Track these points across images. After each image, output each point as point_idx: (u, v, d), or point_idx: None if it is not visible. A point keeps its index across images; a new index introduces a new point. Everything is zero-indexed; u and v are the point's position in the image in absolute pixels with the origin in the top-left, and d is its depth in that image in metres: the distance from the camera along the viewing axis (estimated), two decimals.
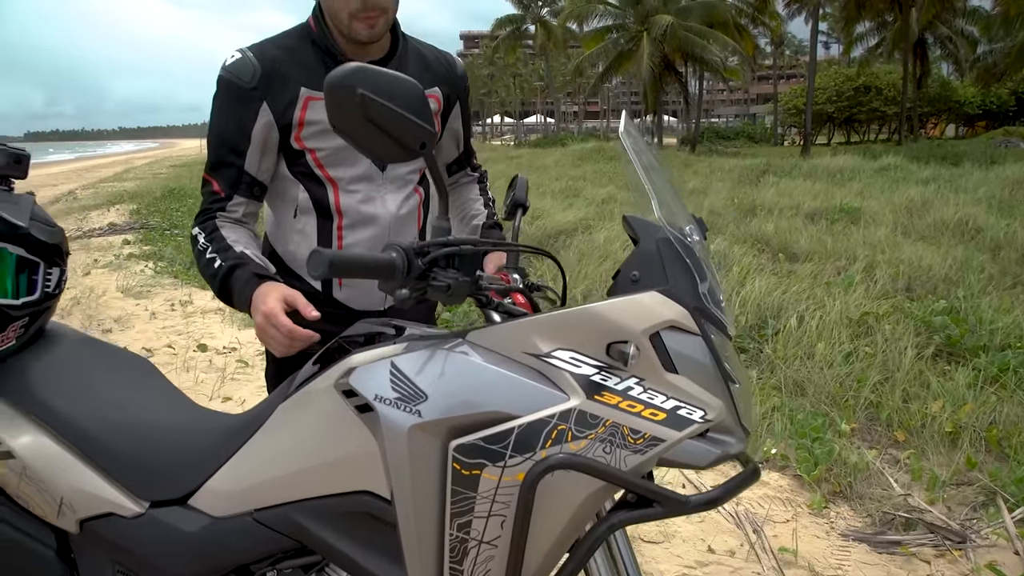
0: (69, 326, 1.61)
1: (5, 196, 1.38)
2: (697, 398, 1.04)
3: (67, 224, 11.76)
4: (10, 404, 1.34)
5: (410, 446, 1.01)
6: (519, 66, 57.92)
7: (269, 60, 1.44)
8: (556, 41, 41.32)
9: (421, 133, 1.01)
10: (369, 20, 1.41)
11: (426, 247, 1.02)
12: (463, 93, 1.71)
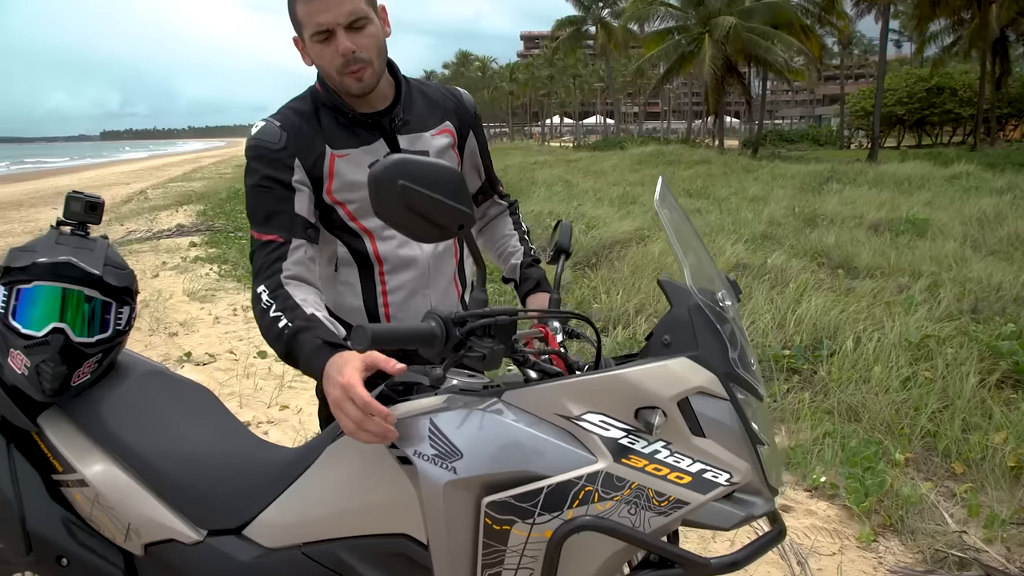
0: (139, 355, 1.72)
1: (81, 242, 1.49)
2: (723, 461, 1.07)
3: (138, 224, 12.32)
4: (86, 435, 1.46)
5: (446, 500, 1.07)
6: (579, 67, 57.78)
7: (291, 123, 1.51)
8: (616, 42, 41.03)
9: (459, 216, 1.07)
10: (355, 74, 1.46)
11: (464, 317, 1.07)
12: (475, 122, 1.75)
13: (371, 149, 1.55)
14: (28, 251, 1.45)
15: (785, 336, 4.61)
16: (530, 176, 17.17)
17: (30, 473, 1.46)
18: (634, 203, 11.70)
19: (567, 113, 77.29)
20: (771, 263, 6.27)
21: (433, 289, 1.67)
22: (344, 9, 1.40)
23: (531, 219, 9.59)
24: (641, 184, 15.13)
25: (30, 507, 1.43)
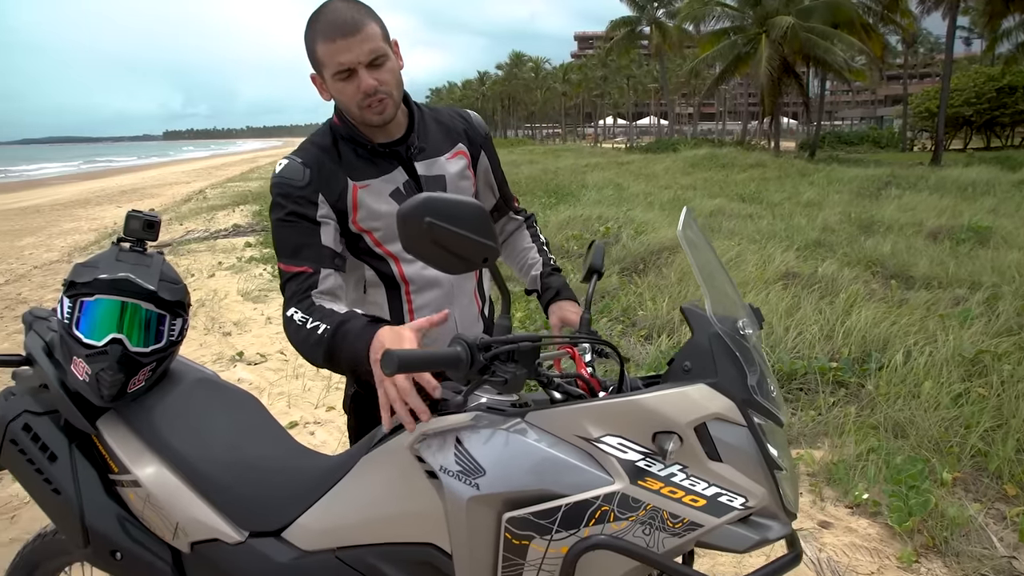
0: (192, 363, 1.82)
1: (139, 259, 1.59)
2: (739, 485, 1.09)
3: (196, 224, 12.73)
4: (139, 438, 1.56)
5: (468, 514, 1.12)
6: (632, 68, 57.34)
7: (313, 159, 1.57)
8: (671, 43, 40.62)
9: (484, 250, 1.12)
10: (375, 108, 1.52)
11: (489, 343, 1.12)
12: (486, 141, 1.80)
13: (390, 178, 1.62)
14: (91, 267, 1.55)
15: (833, 348, 4.54)
16: (581, 179, 17.15)
17: (89, 472, 1.57)
18: None
19: (620, 114, 76.78)
20: (822, 272, 6.16)
21: (457, 306, 1.73)
22: (365, 48, 1.46)
23: (580, 223, 9.60)
24: (693, 188, 14.97)
25: (88, 503, 1.54)
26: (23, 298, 7.59)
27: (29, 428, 1.60)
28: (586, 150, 38.04)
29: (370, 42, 1.47)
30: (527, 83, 79.20)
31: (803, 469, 3.35)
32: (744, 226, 9.29)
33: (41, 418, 1.62)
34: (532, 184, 16.24)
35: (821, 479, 3.26)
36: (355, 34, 1.45)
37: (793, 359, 4.37)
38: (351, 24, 1.45)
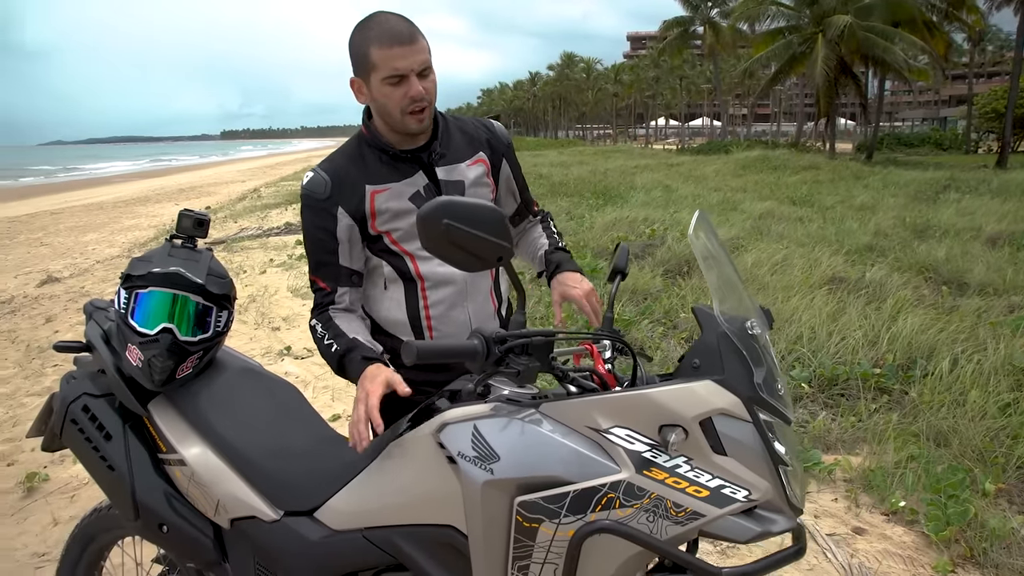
0: (238, 353, 1.93)
1: (189, 254, 1.71)
2: (743, 479, 1.14)
3: (250, 222, 13.10)
4: (186, 421, 1.67)
5: (483, 497, 1.18)
6: (685, 68, 56.68)
7: (336, 171, 1.70)
8: (725, 43, 40.06)
9: (498, 250, 1.20)
10: (418, 115, 1.64)
11: (504, 337, 1.19)
12: (507, 150, 1.89)
13: (411, 181, 1.72)
14: (145, 261, 1.67)
15: (877, 354, 4.47)
16: (629, 180, 17.08)
17: (140, 451, 1.69)
18: (734, 210, 11.46)
19: (673, 115, 75.94)
20: (870, 277, 6.05)
21: (471, 302, 1.81)
22: (418, 58, 1.59)
23: (626, 225, 9.60)
24: (743, 190, 14.77)
25: (139, 479, 1.66)
26: (86, 291, 7.96)
27: (88, 409, 1.73)
28: (636, 151, 37.80)
29: (422, 53, 1.60)
30: (578, 84, 79.01)
31: (839, 475, 3.33)
32: (793, 230, 9.16)
33: (98, 400, 1.75)
34: (580, 185, 16.25)
35: (857, 485, 3.23)
36: (411, 44, 1.58)
37: (835, 364, 4.33)
38: (407, 35, 1.58)
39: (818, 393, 4.16)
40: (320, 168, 1.72)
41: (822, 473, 3.32)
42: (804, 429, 3.76)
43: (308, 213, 1.71)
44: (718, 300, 1.22)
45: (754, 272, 6.33)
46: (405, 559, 1.37)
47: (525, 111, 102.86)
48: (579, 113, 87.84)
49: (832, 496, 3.19)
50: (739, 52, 44.61)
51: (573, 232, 9.56)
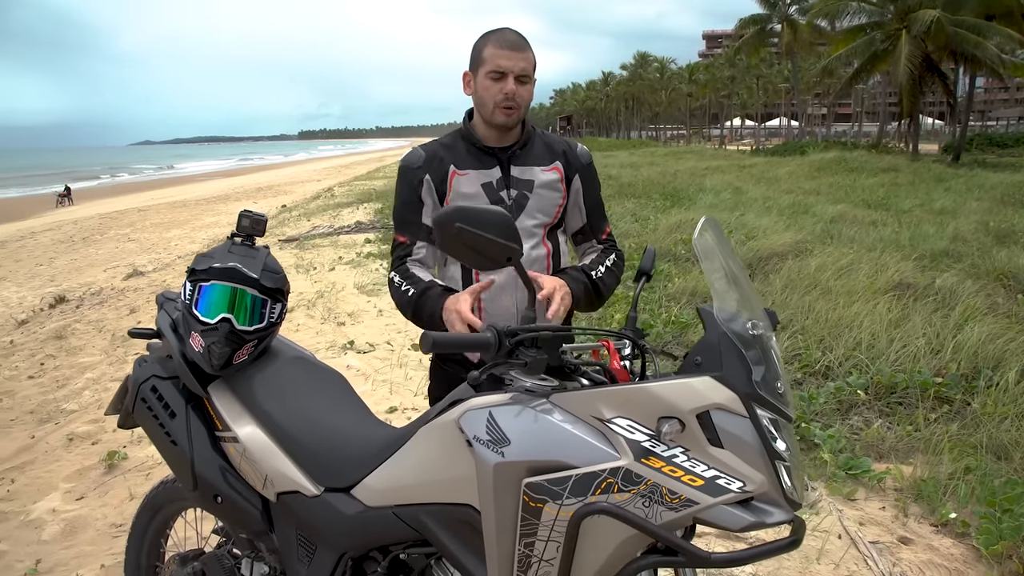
0: (290, 343, 2.08)
1: (247, 251, 1.86)
2: (738, 471, 1.20)
3: (322, 220, 13.55)
4: (240, 403, 1.83)
5: (494, 478, 1.28)
6: (762, 67, 55.30)
7: (431, 150, 2.00)
8: (803, 40, 38.91)
9: (507, 251, 1.30)
10: (506, 111, 1.88)
11: (516, 330, 1.29)
12: (583, 171, 2.05)
13: (488, 172, 1.96)
14: (208, 257, 1.84)
15: (940, 363, 4.35)
16: (699, 182, 16.87)
17: (200, 428, 1.86)
18: (805, 213, 11.19)
19: (749, 115, 74.20)
20: (939, 283, 5.86)
21: (520, 290, 1.94)
22: (520, 65, 1.87)
23: (689, 227, 9.51)
24: (816, 193, 14.39)
25: (198, 454, 1.83)
26: (167, 284, 8.44)
27: (156, 390, 1.92)
28: (708, 152, 37.14)
29: (526, 62, 1.88)
30: (651, 83, 78.10)
31: (890, 484, 3.28)
32: (865, 234, 8.90)
33: (165, 382, 1.93)
34: (648, 187, 16.14)
35: (908, 495, 3.18)
36: (519, 51, 1.87)
37: (894, 372, 4.24)
38: (519, 45, 1.88)
39: (874, 401, 4.09)
40: (419, 146, 2.03)
41: (871, 481, 3.28)
42: (857, 436, 3.71)
43: (402, 179, 2.00)
44: (718, 301, 1.28)
45: (817, 277, 6.21)
46: (429, 535, 1.48)
47: (597, 111, 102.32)
48: (652, 113, 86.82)
49: (880, 504, 3.15)
50: (818, 50, 43.26)
51: (637, 234, 9.55)
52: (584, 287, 1.95)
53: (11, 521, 3.41)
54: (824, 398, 4.03)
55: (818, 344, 4.78)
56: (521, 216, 1.98)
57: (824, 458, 3.42)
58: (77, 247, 14.87)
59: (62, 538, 3.19)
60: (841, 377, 4.34)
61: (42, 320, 7.76)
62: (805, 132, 46.40)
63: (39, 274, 11.89)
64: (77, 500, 3.52)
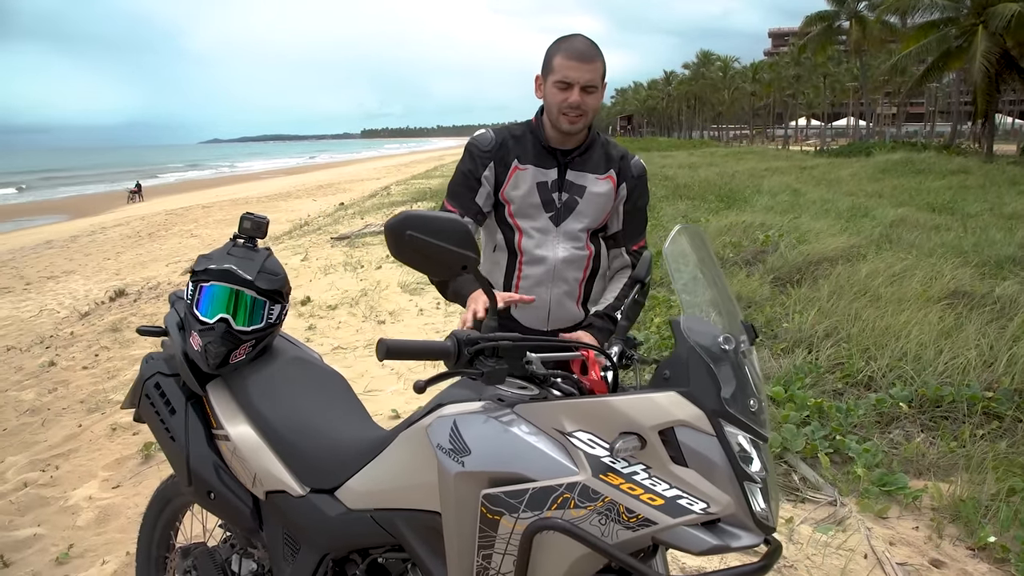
0: (294, 344, 2.10)
1: (247, 253, 1.89)
2: (702, 491, 1.15)
3: (374, 219, 13.72)
4: (235, 401, 1.86)
5: (454, 488, 1.27)
6: (829, 65, 53.64)
7: (502, 137, 2.06)
8: (872, 38, 37.58)
9: (462, 259, 1.28)
10: (571, 118, 1.95)
11: (476, 339, 1.26)
12: (632, 181, 2.12)
13: (545, 172, 2.04)
14: (206, 258, 1.88)
15: (991, 377, 4.13)
16: (756, 183, 16.47)
17: (197, 426, 1.89)
18: (864, 216, 10.80)
19: (815, 115, 72.09)
20: (999, 292, 5.56)
21: (556, 286, 2.07)
22: (586, 76, 1.91)
23: (740, 230, 9.30)
24: (879, 195, 13.88)
25: (194, 450, 1.86)
26: None
27: (159, 386, 1.96)
28: (770, 153, 36.25)
29: (593, 73, 1.92)
30: (714, 83, 76.65)
31: (926, 502, 3.13)
32: (926, 239, 8.53)
33: (168, 379, 1.97)
34: (704, 188, 15.86)
35: (944, 515, 3.02)
36: (587, 62, 1.91)
37: (941, 384, 4.05)
38: (587, 55, 1.92)
39: (918, 414, 3.91)
40: (492, 129, 2.11)
41: (906, 499, 3.14)
42: (895, 451, 3.55)
43: (467, 156, 2.08)
44: (685, 314, 1.23)
45: (867, 283, 5.98)
46: (403, 540, 1.47)
47: (659, 111, 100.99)
48: (715, 113, 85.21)
49: (913, 524, 3.01)
50: (888, 47, 41.71)
51: None
52: (608, 331, 2.02)
53: (51, 506, 3.56)
54: (863, 410, 3.88)
55: (862, 353, 4.60)
56: (569, 218, 2.06)
57: (857, 472, 3.29)
58: (143, 242, 15.46)
59: (95, 524, 3.31)
60: (884, 389, 4.17)
61: (102, 313, 8.09)
62: (874, 132, 44.82)
63: (106, 268, 12.41)
64: (113, 488, 3.65)
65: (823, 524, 2.97)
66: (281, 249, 11.37)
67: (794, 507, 3.12)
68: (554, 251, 2.05)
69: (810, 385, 4.23)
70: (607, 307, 2.06)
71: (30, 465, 4.07)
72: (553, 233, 2.05)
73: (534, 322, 2.11)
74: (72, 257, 14.03)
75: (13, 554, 3.14)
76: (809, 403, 3.90)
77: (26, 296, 10.40)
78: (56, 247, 15.75)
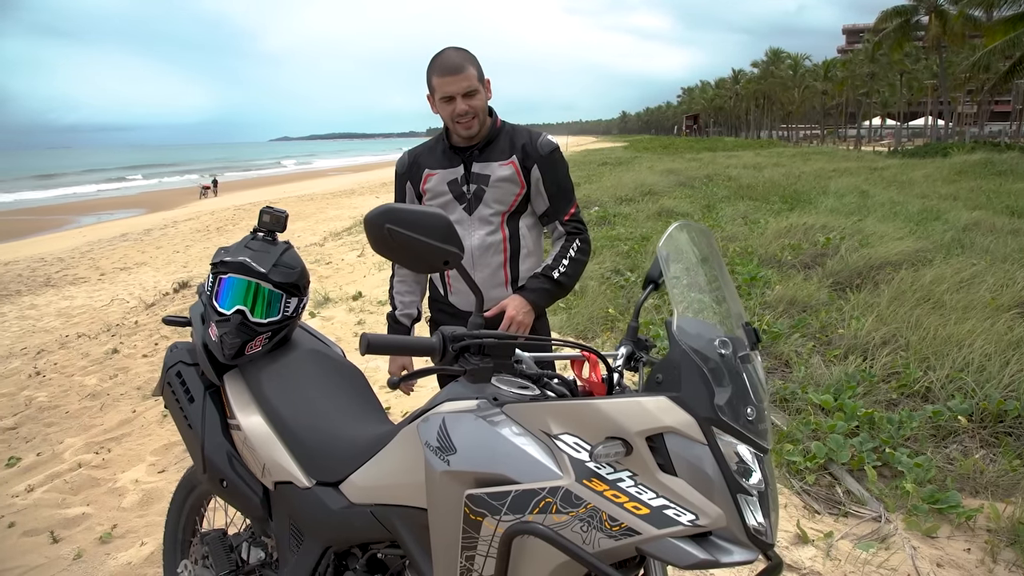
0: (315, 336, 2.12)
1: (264, 246, 1.91)
2: (690, 502, 1.09)
3: None
4: (249, 392, 1.88)
5: (439, 486, 1.24)
6: (906, 63, 51.52)
7: (414, 155, 2.30)
8: (953, 32, 35.88)
9: (444, 254, 1.25)
10: (465, 123, 2.13)
11: (462, 336, 1.23)
12: (543, 161, 2.23)
13: (453, 171, 2.22)
14: (224, 251, 1.91)
15: None
16: (822, 185, 15.95)
17: (214, 415, 1.92)
18: (935, 219, 10.33)
19: (890, 114, 69.42)
20: None
21: (478, 273, 2.21)
22: (462, 85, 2.09)
23: (800, 232, 9.01)
24: (953, 198, 13.25)
25: (209, 439, 1.89)
26: None
27: (180, 375, 2.00)
28: (839, 153, 35.04)
29: (467, 81, 2.10)
30: (784, 81, 74.62)
31: (981, 523, 2.95)
32: (1001, 244, 8.09)
33: (190, 368, 2.01)
34: (769, 189, 15.44)
35: (1001, 537, 2.85)
36: (457, 74, 2.09)
37: (1004, 398, 3.82)
38: (457, 67, 2.09)
39: (978, 429, 3.70)
40: (407, 151, 2.34)
41: (959, 518, 2.97)
42: (950, 467, 3.37)
43: (395, 181, 2.33)
44: (678, 316, 1.17)
45: (931, 289, 5.70)
46: (398, 536, 1.46)
47: (726, 111, 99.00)
48: (784, 113, 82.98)
49: (965, 545, 2.84)
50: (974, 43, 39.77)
51: (744, 237, 9.14)
52: (547, 292, 2.19)
53: (101, 487, 3.70)
54: (918, 422, 3.69)
55: (920, 363, 4.38)
56: (480, 207, 2.21)
57: (906, 488, 3.13)
58: (211, 236, 15.99)
59: (138, 507, 3.42)
60: (942, 400, 3.96)
61: (166, 304, 8.40)
62: (953, 132, 42.84)
63: (174, 260, 12.88)
64: (159, 473, 3.77)
65: (865, 540, 2.83)
66: (339, 245, 11.58)
67: (835, 521, 2.99)
68: (469, 239, 2.20)
69: (862, 394, 4.05)
70: (544, 267, 2.21)
71: (86, 447, 4.25)
72: (467, 221, 2.21)
73: (468, 306, 2.29)
74: (144, 250, 14.62)
75: (62, 531, 3.27)
76: (859, 413, 3.74)
77: (100, 286, 10.90)
78: (131, 240, 16.45)
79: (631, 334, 1.59)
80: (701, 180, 18.26)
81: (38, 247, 16.29)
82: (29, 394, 5.46)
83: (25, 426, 4.79)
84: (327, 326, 6.26)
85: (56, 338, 7.45)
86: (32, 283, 11.44)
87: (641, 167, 23.15)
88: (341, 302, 7.16)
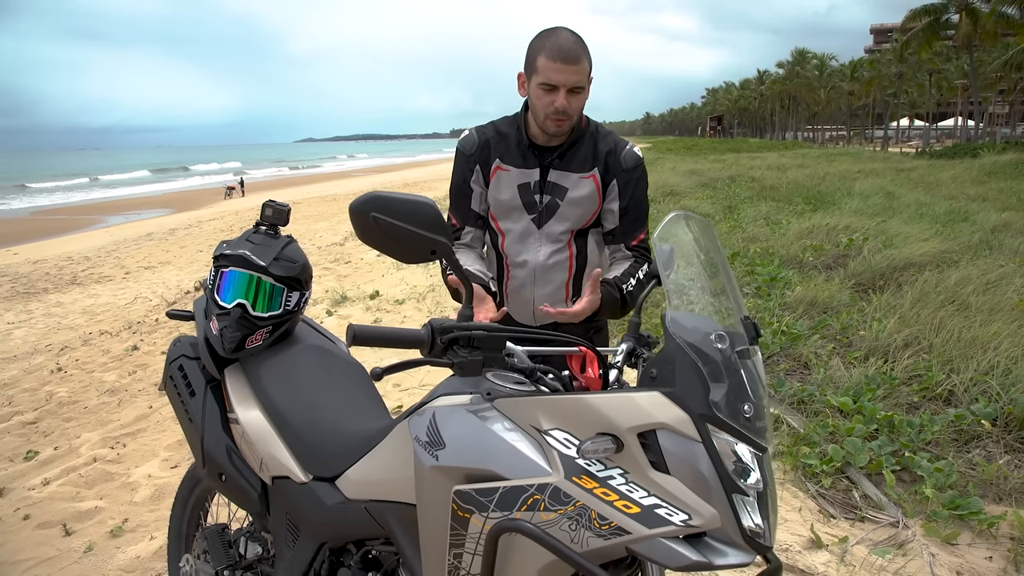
0: (319, 331, 2.10)
1: (265, 240, 1.89)
2: (683, 502, 1.05)
3: None
4: (249, 387, 1.86)
5: (428, 481, 1.21)
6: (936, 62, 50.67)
7: (485, 137, 2.03)
8: (985, 31, 35.23)
9: (431, 243, 1.21)
10: (557, 121, 1.88)
11: (450, 328, 1.20)
12: (624, 176, 2.00)
13: (527, 173, 1.99)
14: (227, 243, 1.89)
15: None
16: (848, 186, 15.73)
17: (214, 409, 1.91)
18: (963, 221, 10.12)
19: (919, 114, 68.31)
20: None
21: (540, 288, 2.06)
22: (572, 78, 1.82)
23: (823, 233, 8.88)
24: (982, 199, 12.98)
25: (208, 432, 1.88)
26: None
27: (182, 369, 2.00)
28: (866, 154, 34.58)
29: (579, 75, 1.83)
30: (809, 82, 73.77)
31: (1004, 530, 2.87)
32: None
33: (191, 361, 2.00)
34: (792, 190, 15.27)
35: None
36: (572, 63, 1.81)
37: None
38: (573, 55, 1.81)
39: (1003, 434, 3.59)
40: (475, 129, 2.07)
41: (980, 525, 2.88)
42: (973, 472, 3.28)
43: (457, 161, 2.08)
44: (672, 310, 1.13)
45: (956, 291, 5.57)
46: (391, 533, 1.43)
47: (751, 111, 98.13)
48: (810, 114, 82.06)
49: (987, 553, 2.76)
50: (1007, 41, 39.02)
51: (764, 239, 9.02)
52: (613, 299, 1.89)
53: (115, 481, 3.73)
54: (939, 426, 3.60)
55: (943, 366, 4.28)
56: (551, 221, 2.01)
57: (926, 493, 3.05)
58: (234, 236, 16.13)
59: (149, 501, 3.44)
60: (965, 404, 3.86)
61: (186, 301, 8.47)
62: (984, 132, 42.02)
63: (197, 259, 13.01)
64: (171, 468, 3.78)
65: (881, 546, 2.76)
66: (359, 244, 11.62)
67: (851, 525, 2.92)
68: (535, 254, 2.03)
69: (882, 397, 3.97)
70: (615, 278, 1.92)
71: (102, 442, 4.29)
72: (535, 235, 2.03)
73: (525, 320, 2.12)
74: (168, 249, 14.79)
75: (75, 524, 3.30)
76: (879, 416, 3.66)
77: (124, 284, 11.04)
78: (156, 239, 16.66)
79: (633, 330, 1.55)
80: (724, 181, 18.10)
81: (67, 246, 16.55)
82: (50, 389, 5.53)
83: (45, 420, 4.85)
84: (344, 324, 6.27)
85: (79, 335, 7.55)
86: (59, 281, 11.62)
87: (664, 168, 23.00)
88: (359, 301, 7.18)
